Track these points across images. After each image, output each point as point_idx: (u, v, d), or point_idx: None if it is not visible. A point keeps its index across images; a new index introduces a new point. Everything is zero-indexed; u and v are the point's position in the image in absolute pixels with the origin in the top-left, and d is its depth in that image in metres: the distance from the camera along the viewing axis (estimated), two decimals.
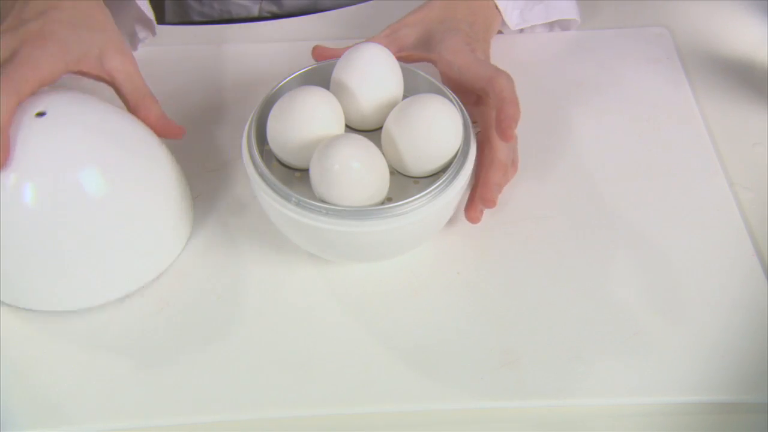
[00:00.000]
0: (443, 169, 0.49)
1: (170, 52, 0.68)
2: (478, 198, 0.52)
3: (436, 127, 0.48)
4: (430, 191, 0.47)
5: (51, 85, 0.49)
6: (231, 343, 0.50)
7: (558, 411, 0.47)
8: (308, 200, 0.46)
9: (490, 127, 0.52)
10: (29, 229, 0.47)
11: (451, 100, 0.50)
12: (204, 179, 0.58)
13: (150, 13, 0.63)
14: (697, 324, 0.50)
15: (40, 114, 0.47)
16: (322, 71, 0.54)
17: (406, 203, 0.46)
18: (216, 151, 0.60)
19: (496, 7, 0.62)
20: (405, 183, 0.51)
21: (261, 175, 0.48)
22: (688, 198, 0.57)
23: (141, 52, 0.68)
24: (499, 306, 0.51)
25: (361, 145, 0.46)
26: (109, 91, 0.53)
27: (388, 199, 0.49)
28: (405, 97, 0.52)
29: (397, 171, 0.51)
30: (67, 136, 0.47)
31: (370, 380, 0.48)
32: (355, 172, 0.46)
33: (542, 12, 0.66)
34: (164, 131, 0.53)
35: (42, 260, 0.48)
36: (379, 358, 0.49)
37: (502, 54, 0.66)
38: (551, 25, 0.69)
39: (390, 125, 0.49)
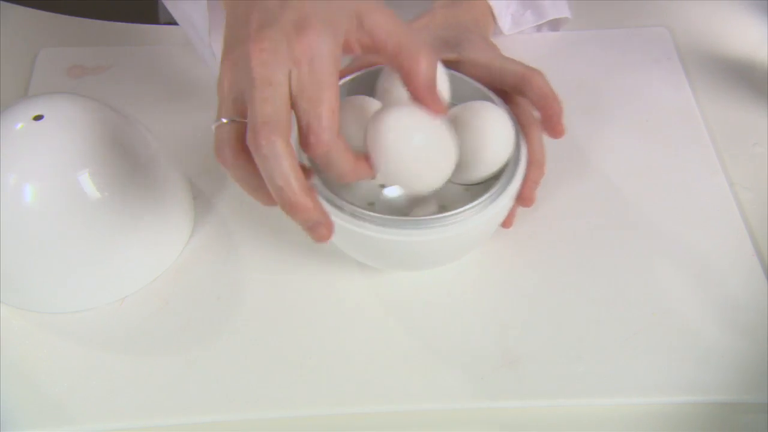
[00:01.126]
0: (493, 176, 0.49)
1: (170, 52, 0.68)
2: (518, 197, 0.51)
3: (491, 135, 0.47)
4: (487, 197, 0.46)
5: None
6: (231, 343, 0.50)
7: (558, 411, 0.47)
8: (365, 210, 0.45)
9: (525, 125, 0.51)
10: (29, 232, 0.47)
11: (502, 108, 0.50)
12: (204, 179, 0.58)
13: None
14: (697, 324, 0.50)
15: (38, 117, 0.47)
16: (366, 79, 0.52)
17: (463, 211, 0.45)
18: None
19: (491, 13, 0.62)
20: (455, 190, 0.50)
21: (314, 187, 0.46)
22: (688, 198, 0.57)
23: (142, 52, 0.68)
24: (499, 306, 0.51)
25: (426, 115, 0.44)
26: (109, 92, 0.53)
27: (442, 207, 0.49)
28: (451, 104, 0.51)
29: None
30: (65, 139, 0.48)
31: (370, 380, 0.48)
32: (418, 147, 0.43)
33: (534, 15, 0.66)
34: (426, 100, 0.44)
35: (41, 263, 0.49)
36: (379, 358, 0.49)
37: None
38: (539, 26, 0.68)
39: None
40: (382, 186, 0.48)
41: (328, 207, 0.46)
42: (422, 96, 0.43)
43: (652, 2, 0.72)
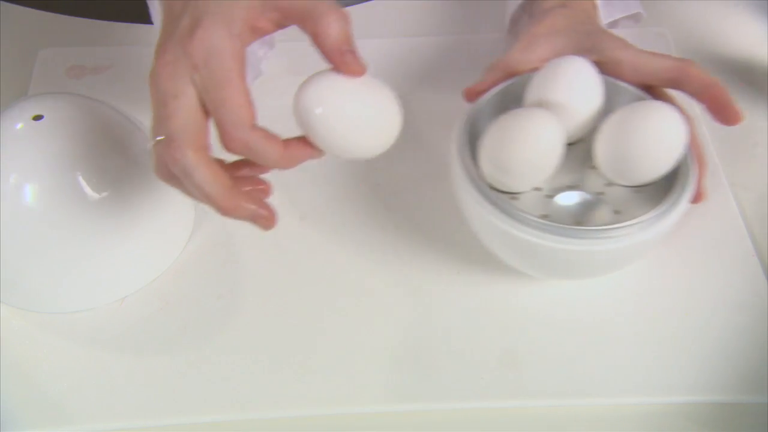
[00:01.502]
0: (663, 177, 0.48)
1: None
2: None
3: (664, 135, 0.46)
4: (670, 200, 0.45)
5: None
6: (231, 342, 0.50)
7: (558, 411, 0.47)
8: (546, 221, 0.44)
9: None
10: (28, 232, 0.47)
11: (672, 107, 0.48)
12: None
13: None
14: (697, 324, 0.50)
15: (38, 117, 0.47)
16: (513, 89, 0.52)
17: (650, 217, 0.45)
18: (216, 151, 0.60)
19: (595, 7, 0.60)
20: (625, 193, 0.49)
21: (495, 203, 0.46)
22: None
23: (142, 52, 0.68)
24: (499, 306, 0.51)
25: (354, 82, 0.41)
26: (109, 92, 0.53)
27: (616, 212, 0.48)
28: (606, 109, 0.51)
29: (613, 181, 0.50)
30: (65, 139, 0.48)
31: (370, 380, 0.48)
32: (352, 117, 0.41)
33: (622, 7, 0.63)
34: (340, 63, 0.40)
35: (41, 263, 0.49)
36: (379, 358, 0.49)
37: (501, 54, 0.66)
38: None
39: (609, 134, 0.48)
40: (549, 196, 0.48)
41: (504, 218, 0.45)
42: (335, 59, 0.40)
43: (652, 2, 0.72)
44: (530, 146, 0.46)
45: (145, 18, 0.74)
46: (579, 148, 0.51)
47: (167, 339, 0.50)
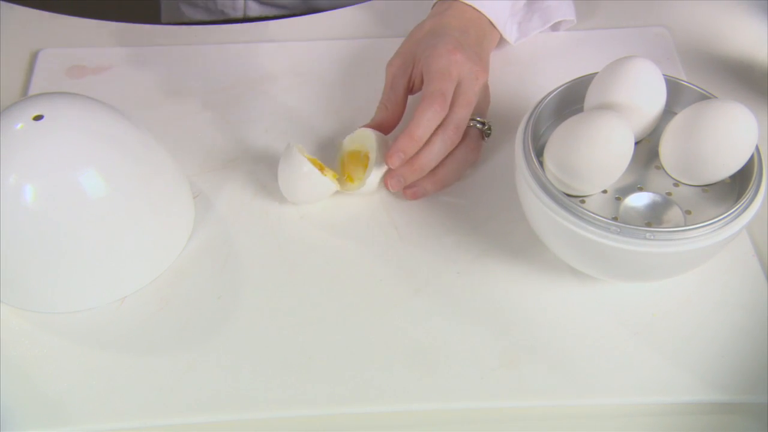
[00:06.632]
0: (729, 176, 0.48)
1: (170, 52, 0.68)
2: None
3: (736, 134, 0.46)
4: (745, 199, 0.45)
5: None
6: (231, 343, 0.50)
7: (558, 411, 0.47)
8: (631, 226, 0.44)
9: None
10: (29, 232, 0.47)
11: (744, 106, 0.48)
12: (204, 179, 0.58)
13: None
14: (697, 324, 0.50)
15: (38, 117, 0.47)
16: (575, 88, 0.52)
17: (725, 216, 0.45)
18: (216, 151, 0.60)
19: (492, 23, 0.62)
20: (693, 193, 0.49)
21: (570, 209, 0.46)
22: None
23: (142, 52, 0.68)
24: (499, 306, 0.51)
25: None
26: (109, 92, 0.53)
27: (688, 213, 0.48)
28: (670, 111, 0.51)
29: (680, 181, 0.49)
30: (65, 139, 0.48)
31: (370, 380, 0.48)
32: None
33: (540, 20, 0.66)
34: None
35: (41, 263, 0.49)
36: (379, 358, 0.49)
37: (501, 54, 0.66)
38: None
39: (678, 134, 0.48)
40: (618, 198, 0.49)
41: (581, 224, 0.45)
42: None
43: (652, 2, 0.72)
44: (601, 150, 0.46)
45: (145, 18, 0.74)
46: (641, 148, 0.51)
47: (167, 339, 0.50)
